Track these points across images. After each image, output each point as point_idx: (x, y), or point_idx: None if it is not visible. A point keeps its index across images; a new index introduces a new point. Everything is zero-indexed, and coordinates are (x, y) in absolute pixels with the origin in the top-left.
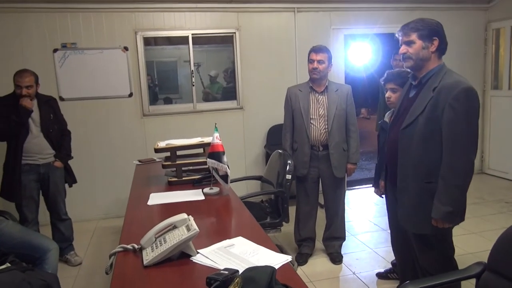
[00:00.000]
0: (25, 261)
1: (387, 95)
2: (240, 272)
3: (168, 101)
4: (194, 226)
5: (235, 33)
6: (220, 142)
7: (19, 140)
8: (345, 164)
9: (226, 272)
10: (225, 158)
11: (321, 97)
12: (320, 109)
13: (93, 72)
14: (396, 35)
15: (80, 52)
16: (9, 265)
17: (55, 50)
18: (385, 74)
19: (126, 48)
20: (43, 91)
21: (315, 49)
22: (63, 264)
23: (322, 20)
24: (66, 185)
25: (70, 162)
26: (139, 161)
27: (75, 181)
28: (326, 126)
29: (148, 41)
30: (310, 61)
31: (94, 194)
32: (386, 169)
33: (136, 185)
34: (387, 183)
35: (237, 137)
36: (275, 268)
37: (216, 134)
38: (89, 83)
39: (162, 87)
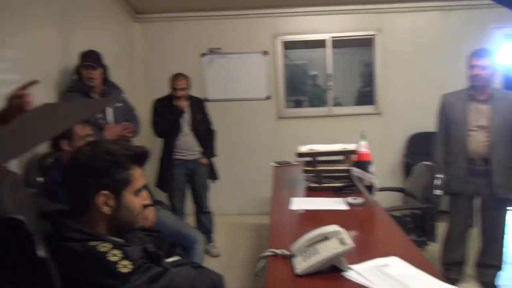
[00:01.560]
0: None
1: None
2: None
3: (298, 103)
4: (349, 241)
5: (375, 35)
6: (368, 151)
7: (172, 137)
8: (510, 183)
9: None
10: (372, 168)
11: (484, 106)
12: (481, 119)
13: (235, 75)
14: None
15: (224, 56)
16: (178, 258)
17: (203, 55)
18: None
19: (265, 52)
20: (192, 92)
21: (478, 53)
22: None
23: (477, 18)
24: (209, 181)
25: (213, 159)
26: (276, 163)
27: (217, 178)
28: (488, 139)
29: (286, 45)
30: (471, 66)
31: (232, 190)
32: None
33: (276, 187)
34: None
35: (372, 144)
36: None
37: (364, 143)
38: (230, 86)
39: (292, 89)
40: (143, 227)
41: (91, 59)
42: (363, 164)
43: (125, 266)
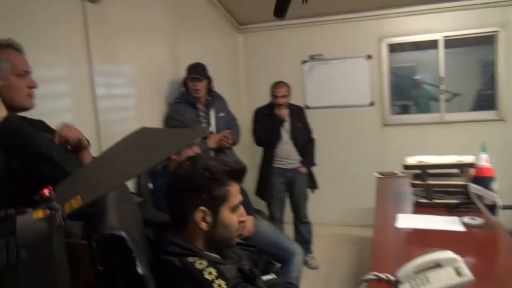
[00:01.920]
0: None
1: None
2: None
3: (405, 108)
4: (467, 271)
5: (498, 31)
6: (489, 165)
7: (272, 145)
8: None
9: None
10: (495, 186)
11: None
12: None
13: (336, 82)
14: None
15: (326, 63)
16: (274, 276)
17: (303, 62)
18: None
19: (369, 56)
20: (292, 99)
21: None
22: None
23: None
24: (309, 190)
25: (313, 168)
26: (380, 174)
27: (316, 187)
28: None
29: (392, 48)
30: None
31: (332, 200)
32: None
33: (380, 201)
34: None
35: (494, 155)
36: None
37: (484, 156)
38: (331, 92)
39: (398, 94)
40: (241, 236)
41: (197, 71)
42: (483, 180)
43: (219, 286)
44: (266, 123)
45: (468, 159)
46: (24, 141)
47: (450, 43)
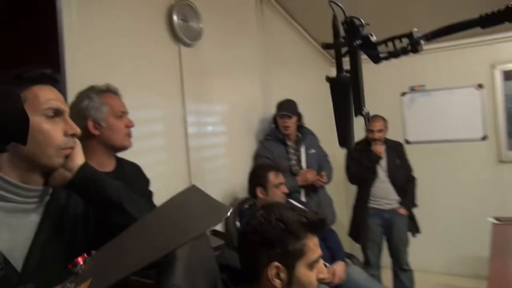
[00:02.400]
0: None
1: None
2: None
3: None
4: None
5: None
6: None
7: (367, 184)
8: None
9: None
10: None
11: None
12: None
13: (440, 114)
14: None
15: (428, 94)
16: None
17: (403, 94)
18: None
19: (480, 86)
20: (390, 134)
21: None
22: None
23: None
24: (409, 234)
25: (414, 210)
26: (497, 219)
27: (418, 231)
28: None
29: (508, 75)
30: None
31: (437, 245)
32: None
33: (496, 252)
34: None
35: None
36: None
37: None
38: (435, 126)
39: None
40: (330, 284)
41: (286, 108)
42: None
43: None
44: (361, 160)
45: None
46: (98, 189)
47: None
